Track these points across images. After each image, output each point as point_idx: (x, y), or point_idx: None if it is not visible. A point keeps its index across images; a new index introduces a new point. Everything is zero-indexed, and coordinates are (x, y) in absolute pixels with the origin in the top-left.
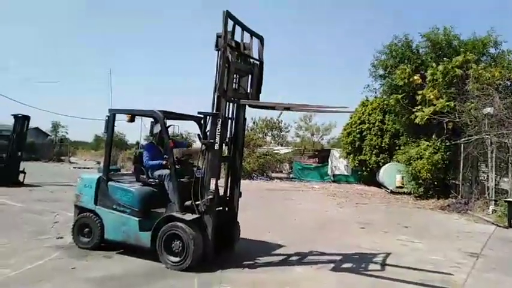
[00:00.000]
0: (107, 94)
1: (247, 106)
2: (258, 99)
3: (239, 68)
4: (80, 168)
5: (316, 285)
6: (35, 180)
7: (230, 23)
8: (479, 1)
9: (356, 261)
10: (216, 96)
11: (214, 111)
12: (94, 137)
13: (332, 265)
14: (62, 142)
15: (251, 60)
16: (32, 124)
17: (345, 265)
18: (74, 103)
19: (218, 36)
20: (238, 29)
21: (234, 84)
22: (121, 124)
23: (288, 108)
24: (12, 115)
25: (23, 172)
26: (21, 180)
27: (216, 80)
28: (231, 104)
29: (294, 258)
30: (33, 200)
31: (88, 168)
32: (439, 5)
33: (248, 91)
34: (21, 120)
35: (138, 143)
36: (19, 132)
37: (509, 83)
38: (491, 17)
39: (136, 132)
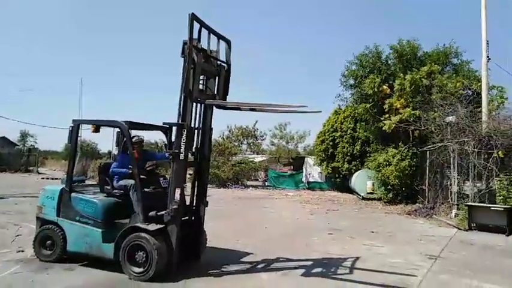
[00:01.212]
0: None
1: (214, 112)
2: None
3: (205, 69)
4: (48, 179)
5: None
6: None
7: (196, 26)
8: (439, 13)
9: (321, 266)
10: (182, 97)
11: (180, 121)
12: (64, 146)
13: (297, 270)
14: (31, 152)
15: (218, 62)
16: None
17: (310, 270)
18: (44, 112)
19: (184, 43)
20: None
21: (200, 86)
22: (94, 134)
23: (253, 109)
24: None
25: None
26: None
27: (182, 84)
28: (198, 107)
29: (260, 265)
30: None
31: (56, 179)
32: (403, 18)
33: (215, 93)
34: None
35: (110, 153)
36: None
37: (470, 92)
38: (452, 27)
39: (108, 142)
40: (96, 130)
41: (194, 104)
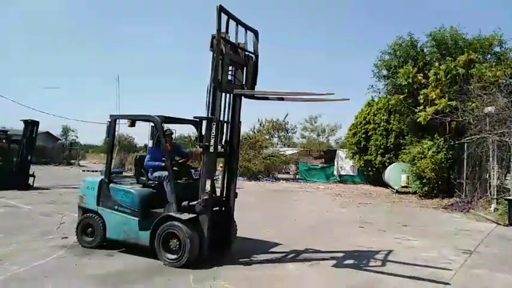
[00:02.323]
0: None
1: (244, 104)
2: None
3: (234, 60)
4: (88, 171)
5: (306, 281)
6: (44, 184)
7: (224, 18)
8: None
9: (350, 258)
10: (211, 88)
11: (209, 115)
12: (103, 140)
13: (325, 262)
14: (72, 146)
15: (246, 53)
16: (43, 128)
17: (338, 262)
18: (84, 108)
19: (213, 37)
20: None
21: (229, 76)
22: (131, 128)
23: (281, 98)
24: (21, 120)
25: (33, 176)
26: (31, 184)
27: (211, 76)
28: (227, 99)
29: (289, 256)
30: (42, 202)
31: (96, 171)
32: (446, 5)
33: (244, 83)
34: (31, 125)
35: (146, 146)
36: (29, 137)
37: None
38: (497, 14)
39: (145, 135)
40: (132, 124)
41: (223, 96)
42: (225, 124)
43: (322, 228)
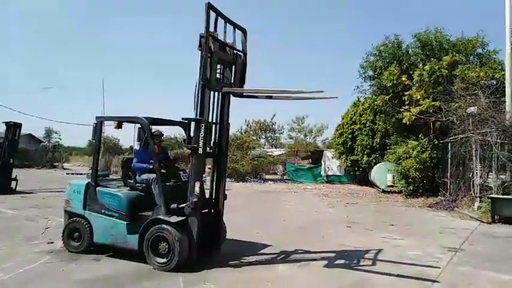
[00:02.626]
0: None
1: (231, 106)
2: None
3: (222, 58)
4: (72, 174)
5: (297, 282)
6: (27, 187)
7: (213, 16)
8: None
9: (338, 258)
10: (199, 87)
11: (198, 116)
12: (88, 142)
13: (315, 262)
14: (55, 148)
15: (234, 51)
16: (25, 131)
17: (328, 262)
18: (68, 110)
19: (201, 36)
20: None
21: (217, 75)
22: (116, 130)
23: (270, 97)
24: (3, 122)
25: (15, 179)
26: (14, 188)
27: (199, 74)
28: (215, 98)
29: (278, 257)
30: (25, 206)
31: (80, 174)
32: (431, 6)
33: (232, 82)
34: (13, 127)
35: (131, 148)
36: (11, 139)
37: (494, 82)
38: (479, 16)
39: (130, 137)
40: (119, 126)
41: (211, 95)
42: (214, 125)
43: (311, 229)
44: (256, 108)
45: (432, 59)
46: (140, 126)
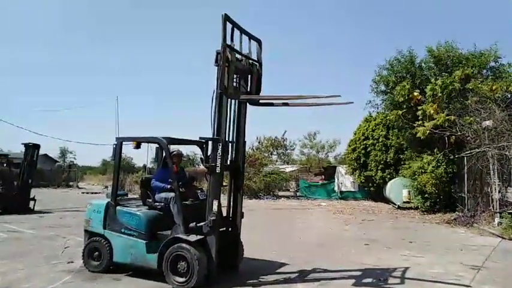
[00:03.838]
0: (113, 120)
1: (247, 111)
2: (258, 100)
3: (238, 67)
4: (88, 193)
5: None
6: (44, 207)
7: (229, 27)
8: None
9: (358, 277)
10: (217, 96)
11: (215, 135)
12: (101, 161)
13: (335, 281)
14: (70, 168)
15: (250, 61)
16: (41, 151)
17: (347, 281)
18: (82, 129)
19: (217, 53)
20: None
21: (234, 84)
22: (128, 148)
23: (286, 104)
24: (22, 144)
25: (34, 199)
26: (32, 208)
27: (216, 85)
28: (232, 108)
29: (297, 276)
30: (44, 226)
31: (96, 193)
32: (444, 19)
33: (248, 91)
34: (32, 148)
35: (145, 167)
36: (29, 160)
37: (509, 95)
38: (492, 29)
39: (143, 156)
40: (138, 146)
41: (228, 106)
42: (230, 144)
43: (328, 247)
44: (267, 125)
45: (444, 73)
46: (158, 146)
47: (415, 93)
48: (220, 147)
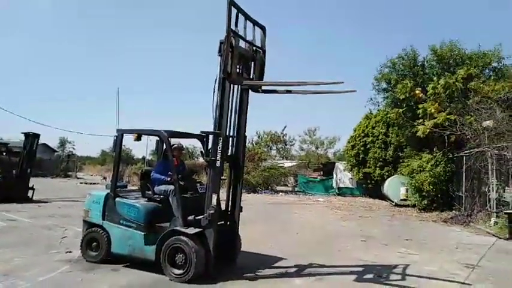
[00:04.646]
0: (112, 111)
1: (249, 101)
2: (261, 86)
3: (242, 53)
4: (86, 183)
5: None
6: (43, 196)
7: (234, 12)
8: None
9: (355, 273)
10: (220, 81)
11: (216, 129)
12: (101, 152)
13: (331, 276)
14: (69, 158)
15: (254, 48)
16: (40, 140)
17: (344, 276)
18: (81, 120)
19: (221, 43)
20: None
21: (237, 70)
22: (128, 140)
23: (289, 91)
24: (22, 133)
25: (32, 188)
26: (30, 197)
27: (220, 70)
28: (234, 95)
29: (293, 270)
30: (42, 215)
31: (94, 183)
32: (449, 19)
33: (251, 78)
34: (31, 138)
35: (144, 158)
36: (29, 149)
37: (511, 96)
38: (495, 29)
39: (142, 148)
40: (138, 138)
41: (230, 94)
42: (231, 138)
43: (325, 242)
44: (267, 120)
45: (446, 73)
46: (159, 138)
47: (417, 91)
48: (221, 141)
